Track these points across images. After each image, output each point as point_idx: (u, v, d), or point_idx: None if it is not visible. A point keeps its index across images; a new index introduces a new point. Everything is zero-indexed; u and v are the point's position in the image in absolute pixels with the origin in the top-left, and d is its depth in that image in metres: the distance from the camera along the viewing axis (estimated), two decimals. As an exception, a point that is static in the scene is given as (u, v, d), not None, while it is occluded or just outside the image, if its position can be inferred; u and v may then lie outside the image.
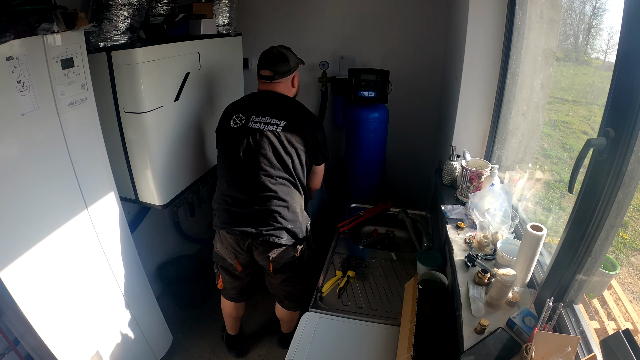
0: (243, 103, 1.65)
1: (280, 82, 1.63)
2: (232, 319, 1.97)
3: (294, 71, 1.67)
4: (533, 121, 1.73)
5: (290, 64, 1.63)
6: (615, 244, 1.14)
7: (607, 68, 1.08)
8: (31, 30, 1.12)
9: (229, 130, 1.58)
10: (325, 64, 2.51)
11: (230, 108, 1.66)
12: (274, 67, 1.60)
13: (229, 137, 1.58)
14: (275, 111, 1.56)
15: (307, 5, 2.50)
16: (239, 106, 1.64)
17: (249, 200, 1.55)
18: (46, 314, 1.29)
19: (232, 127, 1.57)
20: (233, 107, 1.66)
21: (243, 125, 1.56)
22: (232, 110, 1.63)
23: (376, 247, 1.93)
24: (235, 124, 1.57)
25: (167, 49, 1.61)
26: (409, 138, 2.70)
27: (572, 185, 0.92)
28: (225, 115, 1.65)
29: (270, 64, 1.61)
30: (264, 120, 1.55)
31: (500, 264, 1.29)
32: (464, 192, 1.71)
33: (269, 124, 1.54)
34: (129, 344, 1.70)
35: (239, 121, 1.57)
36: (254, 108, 1.59)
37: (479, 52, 1.77)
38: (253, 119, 1.56)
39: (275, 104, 1.60)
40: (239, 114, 1.59)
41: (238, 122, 1.57)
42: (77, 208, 1.38)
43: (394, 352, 1.26)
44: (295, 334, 1.36)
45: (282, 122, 1.54)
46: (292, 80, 1.69)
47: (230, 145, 1.57)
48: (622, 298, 1.14)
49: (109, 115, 1.56)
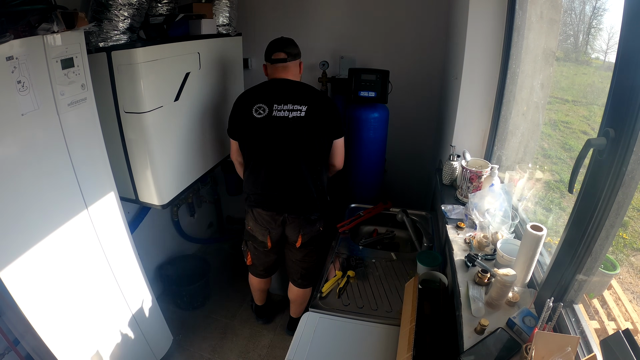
0: (261, 92, 1.68)
1: (291, 65, 1.71)
2: (260, 292, 2.17)
3: (300, 56, 1.76)
4: (533, 121, 1.73)
5: (298, 48, 1.74)
6: (615, 244, 1.13)
7: (607, 68, 1.08)
8: (31, 30, 1.12)
9: (254, 121, 1.63)
10: (325, 64, 2.51)
11: (247, 98, 1.68)
12: (287, 49, 1.68)
13: (254, 128, 1.64)
14: (295, 97, 1.64)
15: (307, 5, 2.50)
16: (258, 96, 1.67)
17: (283, 184, 1.69)
18: (46, 314, 1.29)
19: (256, 117, 1.62)
20: (251, 97, 1.68)
21: (267, 115, 1.62)
22: (251, 100, 1.66)
23: (376, 247, 1.93)
24: (259, 114, 1.62)
25: (167, 49, 1.61)
26: (409, 138, 2.70)
27: (572, 185, 0.92)
28: (243, 105, 1.67)
29: (282, 47, 1.68)
30: (286, 107, 1.62)
31: (500, 264, 1.29)
32: (464, 192, 1.71)
33: (293, 111, 1.62)
34: (129, 344, 1.70)
35: (262, 111, 1.62)
36: (274, 96, 1.64)
37: (479, 52, 1.76)
38: (276, 108, 1.62)
39: (293, 91, 1.67)
40: (260, 104, 1.63)
41: (262, 112, 1.62)
42: (77, 208, 1.38)
43: (394, 352, 1.26)
44: (295, 334, 1.36)
45: (303, 107, 1.62)
46: (300, 65, 1.77)
47: (257, 135, 1.64)
48: (622, 298, 1.14)
49: (109, 115, 1.56)
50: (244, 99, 1.70)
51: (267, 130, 1.63)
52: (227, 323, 2.31)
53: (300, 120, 1.62)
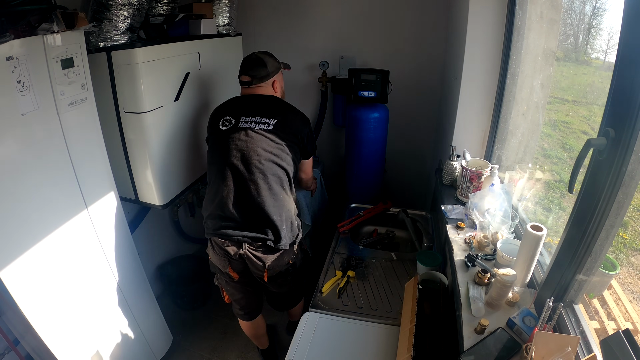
0: (230, 105, 1.62)
1: (260, 86, 1.62)
2: (257, 337, 1.93)
3: (273, 75, 1.64)
4: (533, 121, 1.73)
5: (268, 69, 1.61)
6: (615, 244, 1.13)
7: (607, 68, 1.08)
8: (31, 30, 1.12)
9: (218, 133, 1.54)
10: (325, 64, 2.51)
11: (217, 111, 1.62)
12: (251, 72, 1.60)
13: (218, 139, 1.53)
14: (264, 111, 1.55)
15: (307, 5, 2.50)
16: (226, 109, 1.60)
17: (242, 203, 1.49)
18: (46, 314, 1.29)
19: (221, 129, 1.53)
20: (220, 110, 1.62)
21: (233, 126, 1.52)
22: (220, 114, 1.59)
23: (376, 247, 1.93)
24: (224, 127, 1.53)
25: (167, 49, 1.61)
26: (409, 138, 2.70)
27: (572, 185, 0.92)
28: (213, 119, 1.60)
29: (247, 69, 1.60)
30: (254, 120, 1.53)
31: (500, 264, 1.29)
32: (464, 192, 1.71)
33: (260, 123, 1.52)
34: (129, 344, 1.70)
35: (228, 123, 1.53)
36: (242, 109, 1.56)
37: (479, 52, 1.76)
38: (243, 120, 1.53)
39: (263, 104, 1.58)
40: (227, 117, 1.55)
41: (227, 124, 1.53)
42: (77, 208, 1.38)
43: (394, 352, 1.26)
44: (295, 334, 1.36)
45: (272, 120, 1.53)
46: (273, 84, 1.66)
47: (220, 147, 1.52)
48: (622, 298, 1.14)
49: (109, 115, 1.56)
50: (215, 113, 1.62)
51: (230, 142, 1.50)
52: (227, 323, 2.31)
53: (267, 133, 1.51)
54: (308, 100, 2.76)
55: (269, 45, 2.65)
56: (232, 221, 1.50)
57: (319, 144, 2.78)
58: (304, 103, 2.78)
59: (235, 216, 1.49)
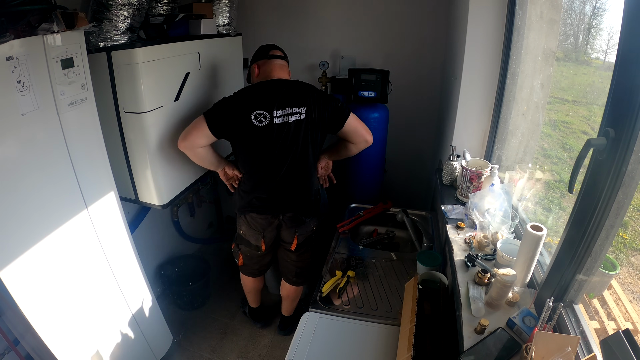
0: (259, 95, 1.55)
1: (286, 65, 1.72)
2: (255, 292, 2.15)
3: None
4: (533, 121, 1.73)
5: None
6: (615, 244, 1.13)
7: (607, 68, 1.08)
8: (31, 30, 1.12)
9: (254, 129, 1.53)
10: (325, 64, 2.51)
11: (244, 101, 1.55)
12: (279, 49, 1.72)
13: (255, 136, 1.55)
14: (294, 100, 1.56)
15: (307, 5, 2.50)
16: (256, 99, 1.54)
17: (283, 188, 1.68)
18: (46, 314, 1.29)
19: (257, 125, 1.53)
20: (248, 101, 1.54)
21: (269, 123, 1.54)
22: (249, 105, 1.53)
23: (376, 247, 1.93)
24: (259, 122, 1.53)
25: (167, 49, 1.61)
26: (409, 138, 2.70)
27: (572, 185, 0.92)
28: (240, 109, 1.53)
29: (273, 47, 1.72)
30: (285, 112, 1.55)
31: (500, 264, 1.29)
32: (464, 192, 1.71)
33: (292, 114, 1.56)
34: (129, 344, 1.70)
35: (263, 119, 1.53)
36: (273, 100, 1.54)
37: (479, 52, 1.76)
38: (276, 114, 1.54)
39: (292, 92, 1.58)
40: (260, 110, 1.53)
41: (263, 119, 1.53)
42: (77, 208, 1.38)
43: (394, 352, 1.26)
44: (295, 334, 1.36)
45: (302, 108, 1.57)
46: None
47: (258, 144, 1.58)
48: (622, 298, 1.14)
49: (109, 115, 1.56)
50: (240, 102, 1.55)
51: (268, 138, 1.56)
52: (227, 323, 2.31)
53: (301, 124, 1.57)
54: (308, 100, 2.76)
55: (269, 45, 2.66)
56: (272, 202, 1.71)
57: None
58: (304, 103, 2.78)
59: (276, 197, 1.71)
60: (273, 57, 1.66)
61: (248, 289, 2.12)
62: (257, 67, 1.69)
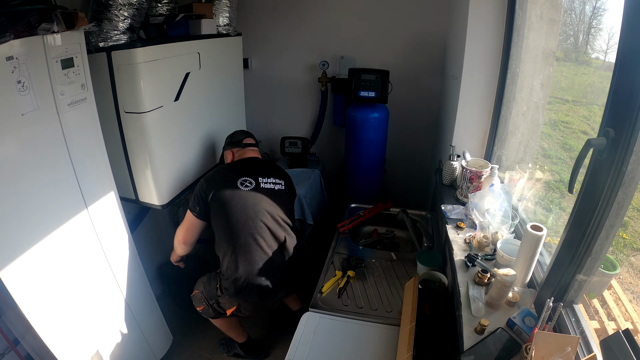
0: (241, 168, 1.67)
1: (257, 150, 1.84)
2: (236, 325, 1.96)
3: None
4: (533, 121, 1.73)
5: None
6: (615, 244, 1.13)
7: (607, 68, 1.08)
8: (31, 30, 1.12)
9: (241, 195, 1.58)
10: (325, 64, 2.51)
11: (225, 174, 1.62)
12: (253, 136, 1.85)
13: (242, 200, 1.57)
14: (274, 172, 1.72)
15: (307, 5, 2.50)
16: (239, 171, 1.65)
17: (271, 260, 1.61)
18: (46, 314, 1.29)
19: (243, 190, 1.59)
20: (231, 173, 1.63)
21: (256, 186, 1.62)
22: (233, 175, 1.61)
23: (376, 247, 1.93)
24: (246, 187, 1.60)
25: (167, 49, 1.61)
26: (409, 138, 2.70)
27: (572, 185, 0.92)
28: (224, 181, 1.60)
29: (247, 134, 1.83)
30: (271, 180, 1.68)
31: (500, 264, 1.29)
32: (464, 192, 1.71)
33: (276, 184, 1.69)
34: (129, 344, 1.70)
35: (249, 184, 1.61)
36: (257, 171, 1.67)
37: (479, 52, 1.76)
38: (262, 181, 1.65)
39: (270, 167, 1.75)
40: (245, 177, 1.62)
41: (249, 184, 1.61)
42: (77, 208, 1.38)
43: (394, 352, 1.26)
44: (295, 334, 1.36)
45: (281, 181, 1.72)
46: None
47: (246, 207, 1.57)
48: (622, 298, 1.14)
49: (109, 115, 1.56)
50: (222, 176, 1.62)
51: (257, 201, 1.59)
52: (227, 323, 2.31)
53: (283, 193, 1.70)
54: (308, 100, 2.76)
55: (269, 45, 2.66)
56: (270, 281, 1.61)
57: (319, 144, 2.79)
58: (304, 103, 2.78)
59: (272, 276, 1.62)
60: (247, 146, 1.80)
61: (227, 326, 1.91)
62: (232, 153, 1.80)
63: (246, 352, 2.01)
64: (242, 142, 1.80)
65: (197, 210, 1.61)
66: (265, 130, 2.91)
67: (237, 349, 2.02)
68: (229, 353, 2.06)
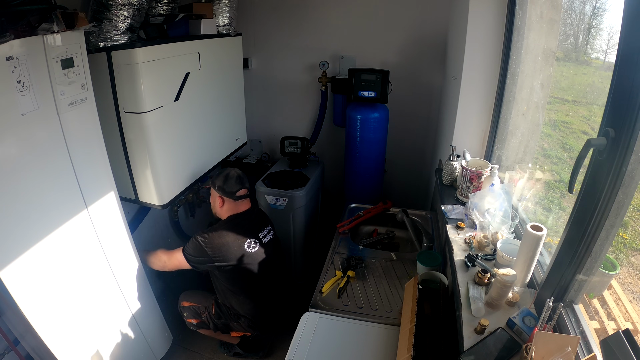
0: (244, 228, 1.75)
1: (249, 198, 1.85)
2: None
3: None
4: (533, 121, 1.73)
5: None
6: (615, 244, 1.13)
7: (607, 68, 1.08)
8: (31, 30, 1.12)
9: (249, 255, 1.73)
10: (325, 64, 2.51)
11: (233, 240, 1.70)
12: (246, 184, 1.81)
13: (252, 259, 1.74)
14: (265, 223, 1.85)
15: (307, 5, 2.50)
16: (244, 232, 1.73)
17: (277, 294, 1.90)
18: (46, 314, 1.29)
19: (250, 252, 1.73)
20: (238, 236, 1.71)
21: (260, 246, 1.77)
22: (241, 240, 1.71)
23: (376, 247, 1.93)
24: (252, 249, 1.74)
25: (167, 49, 1.61)
26: (409, 138, 2.70)
27: (572, 185, 0.92)
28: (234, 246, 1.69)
29: (243, 183, 1.78)
30: (266, 232, 1.82)
31: (500, 264, 1.29)
32: (464, 192, 1.71)
33: (268, 234, 1.83)
34: (129, 344, 1.70)
35: (254, 244, 1.75)
36: (255, 228, 1.79)
37: (479, 52, 1.76)
38: (262, 236, 1.79)
39: (260, 217, 1.86)
40: (250, 239, 1.74)
41: (254, 245, 1.75)
42: (77, 208, 1.38)
43: (394, 352, 1.26)
44: (295, 334, 1.36)
45: (269, 226, 1.87)
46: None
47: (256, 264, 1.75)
48: (622, 298, 1.14)
49: (109, 115, 1.56)
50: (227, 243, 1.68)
51: (262, 258, 1.77)
52: (227, 323, 2.31)
53: (276, 240, 1.89)
54: (308, 100, 2.76)
55: (269, 45, 2.66)
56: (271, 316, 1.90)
57: (319, 144, 2.79)
58: (304, 103, 2.78)
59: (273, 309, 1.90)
60: (239, 198, 1.77)
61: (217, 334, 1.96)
62: (222, 202, 1.78)
63: (245, 350, 2.05)
64: (236, 195, 1.74)
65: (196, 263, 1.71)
66: (265, 130, 2.91)
67: (236, 348, 2.06)
68: (229, 353, 2.08)
